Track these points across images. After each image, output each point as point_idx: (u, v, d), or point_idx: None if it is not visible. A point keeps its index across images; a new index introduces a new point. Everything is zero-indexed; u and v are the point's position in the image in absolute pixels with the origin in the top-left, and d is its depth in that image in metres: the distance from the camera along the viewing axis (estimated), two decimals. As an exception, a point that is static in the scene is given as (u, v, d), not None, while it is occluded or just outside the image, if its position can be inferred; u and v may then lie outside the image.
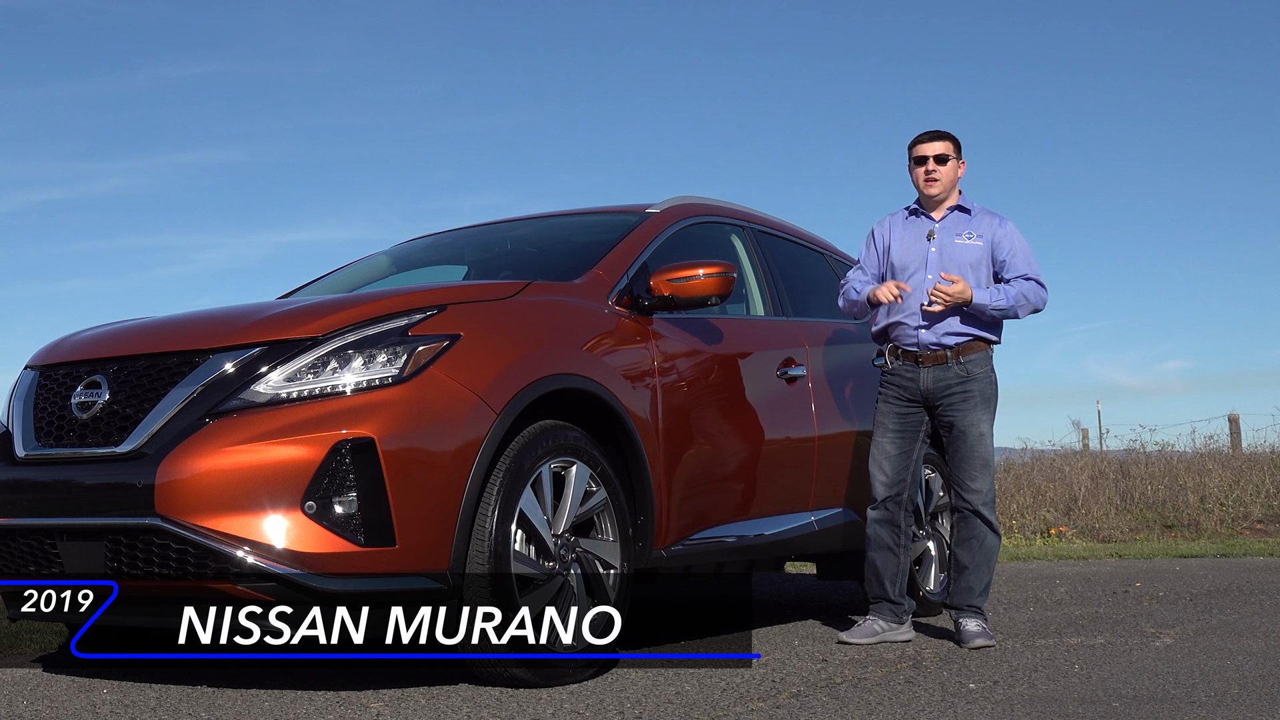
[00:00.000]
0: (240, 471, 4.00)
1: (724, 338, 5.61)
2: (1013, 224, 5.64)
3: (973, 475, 5.51)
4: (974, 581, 5.53)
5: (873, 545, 5.66)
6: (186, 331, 4.48)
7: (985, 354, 5.58)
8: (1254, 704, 3.99)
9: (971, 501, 5.51)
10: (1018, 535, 13.91)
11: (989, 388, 5.57)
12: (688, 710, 3.99)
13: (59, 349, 4.76)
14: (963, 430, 5.51)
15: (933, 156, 5.61)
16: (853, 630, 5.57)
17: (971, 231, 5.60)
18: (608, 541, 4.69)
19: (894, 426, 5.62)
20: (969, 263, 5.55)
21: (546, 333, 4.72)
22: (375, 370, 4.18)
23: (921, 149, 5.65)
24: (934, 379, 5.53)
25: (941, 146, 5.63)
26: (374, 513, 4.02)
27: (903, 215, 5.77)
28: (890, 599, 5.62)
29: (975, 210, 5.68)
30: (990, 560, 5.56)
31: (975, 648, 5.32)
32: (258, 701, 4.23)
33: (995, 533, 5.56)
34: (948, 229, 5.63)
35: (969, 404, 5.51)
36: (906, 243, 5.67)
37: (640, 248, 5.46)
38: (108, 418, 4.32)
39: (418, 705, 4.10)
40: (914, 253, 5.64)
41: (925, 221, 5.68)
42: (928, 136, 5.67)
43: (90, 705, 4.25)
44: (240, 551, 3.95)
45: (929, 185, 5.62)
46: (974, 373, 5.53)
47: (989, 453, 5.55)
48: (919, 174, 5.65)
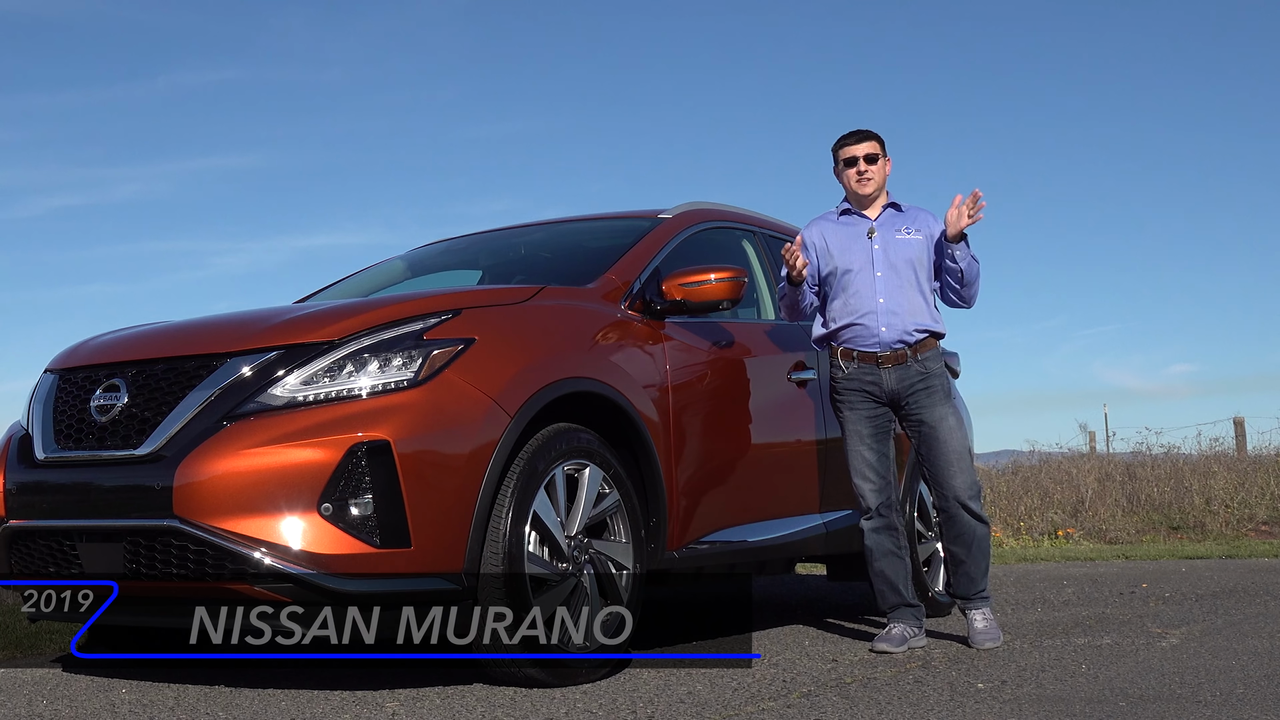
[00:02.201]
0: (257, 474, 4.04)
1: (735, 342, 5.65)
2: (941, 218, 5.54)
3: (950, 469, 5.42)
4: (973, 570, 5.48)
5: (876, 555, 5.54)
6: (204, 336, 4.53)
7: (937, 350, 5.52)
8: (1259, 703, 4.01)
9: (956, 495, 5.43)
10: (1025, 537, 13.94)
11: (946, 382, 5.52)
12: (699, 710, 4.03)
13: (78, 353, 4.81)
14: (933, 425, 5.43)
15: (863, 157, 5.52)
16: (885, 637, 5.42)
17: (909, 227, 5.52)
18: (620, 543, 4.74)
19: (869, 432, 5.51)
20: (913, 258, 5.47)
21: (560, 337, 4.76)
22: (391, 374, 4.22)
23: (851, 150, 5.56)
24: (897, 379, 5.43)
25: (870, 146, 5.54)
26: (389, 514, 4.05)
27: (833, 216, 5.65)
28: (908, 603, 5.53)
29: (906, 207, 5.61)
30: (984, 549, 5.52)
31: (985, 649, 5.32)
32: (274, 701, 4.27)
33: (983, 522, 5.50)
34: (886, 226, 5.53)
35: (934, 399, 5.43)
36: (845, 244, 5.54)
37: (652, 253, 5.51)
38: (126, 421, 4.36)
39: (433, 705, 4.14)
40: (856, 252, 5.51)
41: (861, 221, 5.57)
42: (855, 138, 5.57)
43: (109, 705, 4.29)
44: (257, 553, 3.98)
45: (862, 185, 5.52)
46: (931, 369, 5.46)
47: (962, 444, 5.48)
48: (850, 175, 5.54)
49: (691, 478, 5.17)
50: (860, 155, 5.53)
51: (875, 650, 5.34)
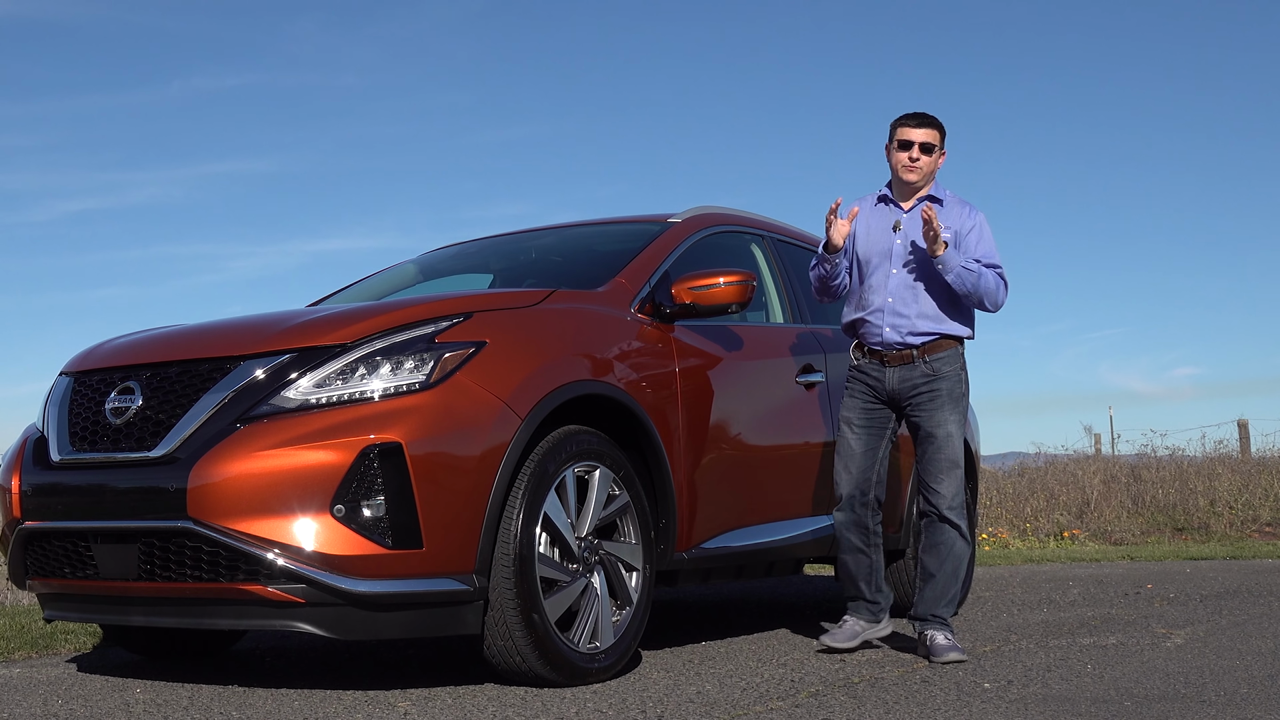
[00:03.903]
0: (270, 475, 4.06)
1: (744, 345, 5.68)
2: (983, 216, 5.38)
3: (939, 478, 5.24)
4: (940, 591, 5.25)
5: (843, 548, 5.44)
6: (218, 339, 4.56)
7: (954, 352, 5.32)
8: (1263, 703, 4.04)
9: (937, 505, 5.24)
10: (1031, 538, 13.96)
11: (958, 387, 5.30)
12: (708, 709, 4.06)
13: (93, 355, 4.84)
14: (929, 431, 5.26)
15: (919, 144, 5.31)
16: (833, 634, 5.38)
17: (940, 222, 5.24)
18: (630, 544, 4.77)
19: (859, 422, 5.38)
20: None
21: (570, 340, 4.79)
22: (403, 376, 4.25)
23: (909, 133, 5.33)
24: (899, 379, 5.30)
25: (929, 134, 5.33)
26: (401, 516, 4.09)
27: (871, 201, 5.48)
28: (866, 598, 5.43)
29: (947, 199, 5.39)
30: (959, 569, 5.30)
31: (947, 662, 5.02)
32: (288, 701, 4.31)
33: (965, 539, 5.28)
34: (915, 220, 5.32)
35: (935, 404, 5.26)
36: (873, 232, 5.39)
37: (662, 256, 5.54)
38: (141, 423, 4.39)
39: (444, 705, 4.17)
40: (878, 245, 5.36)
41: (893, 211, 5.40)
42: (916, 121, 5.35)
43: (123, 704, 4.33)
44: (270, 554, 4.01)
45: (908, 173, 5.33)
46: (941, 371, 5.27)
47: (957, 454, 5.27)
48: (901, 158, 5.33)
49: (700, 479, 5.20)
50: (916, 141, 5.31)
51: (826, 649, 5.30)
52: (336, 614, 4.10)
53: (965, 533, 5.30)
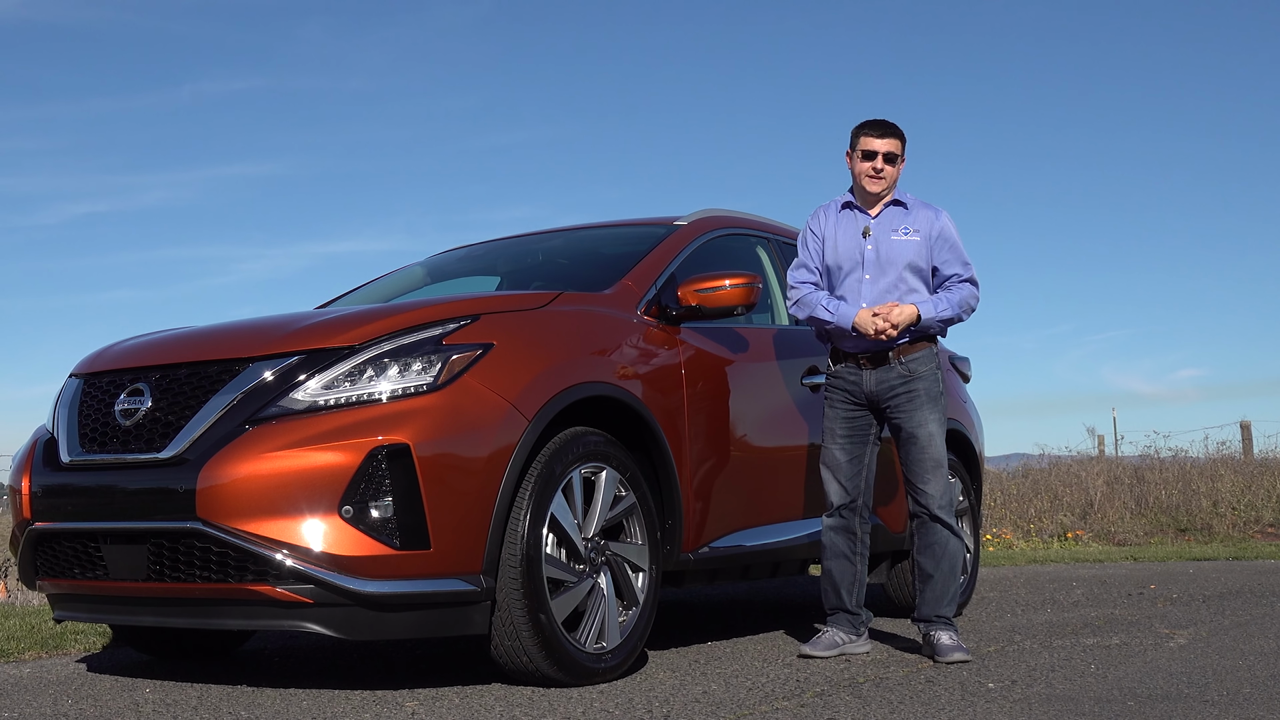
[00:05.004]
0: (279, 477, 4.08)
1: (749, 347, 5.70)
2: (948, 215, 5.39)
3: (924, 478, 5.26)
4: (940, 590, 5.28)
5: (828, 554, 5.42)
6: (227, 341, 4.58)
7: (929, 351, 5.34)
8: (1265, 703, 4.06)
9: (927, 505, 5.26)
10: (1035, 539, 13.99)
11: (935, 386, 5.32)
12: (714, 709, 4.08)
13: (103, 357, 4.87)
14: (911, 432, 5.26)
15: (882, 154, 5.31)
16: (813, 642, 5.32)
17: (908, 226, 5.31)
18: (636, 545, 4.79)
19: (843, 432, 5.38)
20: (908, 259, 5.29)
21: (577, 342, 4.81)
22: (410, 378, 4.28)
23: (872, 143, 5.33)
24: (877, 380, 5.29)
25: (892, 144, 5.33)
26: (409, 517, 4.11)
27: (835, 207, 5.46)
28: (848, 609, 5.40)
29: (911, 203, 5.39)
30: (955, 567, 5.32)
31: (951, 662, 5.04)
32: (296, 700, 4.33)
33: (957, 536, 5.32)
34: (883, 225, 5.33)
35: (915, 404, 5.27)
36: (841, 240, 5.37)
37: (668, 259, 5.56)
38: (150, 424, 4.41)
39: (452, 704, 4.19)
40: (849, 252, 5.35)
41: (860, 217, 5.38)
42: (879, 130, 5.34)
43: (133, 704, 4.35)
44: (279, 554, 4.04)
45: (873, 183, 5.33)
46: (918, 371, 5.29)
47: (940, 454, 5.29)
48: (865, 168, 5.33)
49: (706, 480, 5.23)
50: (880, 151, 5.32)
51: (803, 655, 5.26)
52: (344, 614, 4.11)
53: (956, 530, 5.33)
